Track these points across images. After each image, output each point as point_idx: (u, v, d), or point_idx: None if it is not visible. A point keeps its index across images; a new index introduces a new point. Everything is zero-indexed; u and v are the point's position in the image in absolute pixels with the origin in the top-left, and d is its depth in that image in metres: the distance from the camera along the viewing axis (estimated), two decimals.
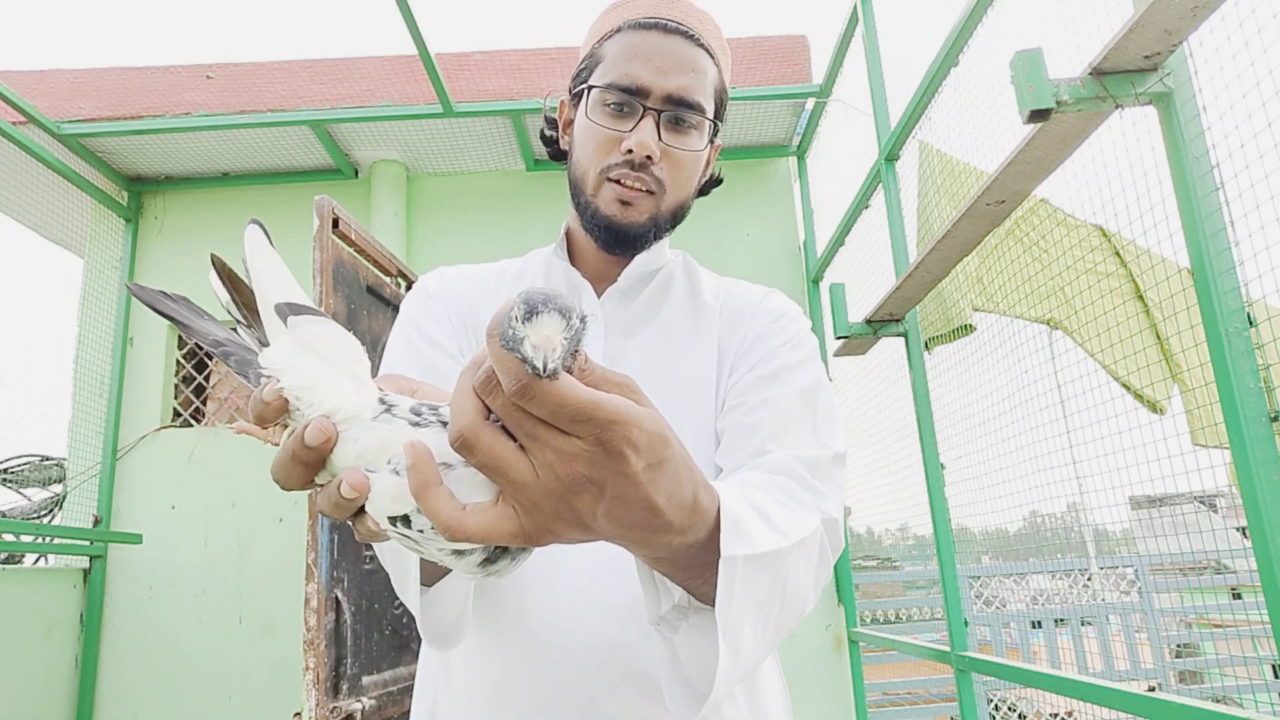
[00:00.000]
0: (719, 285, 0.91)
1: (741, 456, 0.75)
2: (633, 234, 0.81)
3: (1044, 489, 1.86)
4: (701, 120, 0.81)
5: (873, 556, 5.64)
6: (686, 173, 0.82)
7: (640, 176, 0.79)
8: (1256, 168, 1.19)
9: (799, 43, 3.38)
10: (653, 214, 0.81)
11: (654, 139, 0.78)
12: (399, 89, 3.20)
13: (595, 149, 0.80)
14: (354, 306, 2.30)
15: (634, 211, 0.80)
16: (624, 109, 0.79)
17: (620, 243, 0.81)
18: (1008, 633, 4.71)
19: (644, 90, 0.78)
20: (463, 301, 0.86)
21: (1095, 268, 2.14)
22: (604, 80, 0.80)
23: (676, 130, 0.80)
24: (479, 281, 0.88)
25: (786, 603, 0.57)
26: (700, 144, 0.82)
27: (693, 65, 0.80)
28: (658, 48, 0.79)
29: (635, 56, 0.79)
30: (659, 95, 0.78)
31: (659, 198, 0.81)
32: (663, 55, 0.79)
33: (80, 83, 3.28)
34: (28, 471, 3.34)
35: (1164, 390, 2.02)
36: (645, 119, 0.78)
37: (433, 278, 0.89)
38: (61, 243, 3.77)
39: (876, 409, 2.88)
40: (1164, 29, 1.22)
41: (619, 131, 0.79)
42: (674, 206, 0.83)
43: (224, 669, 3.09)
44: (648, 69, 0.78)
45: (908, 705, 4.37)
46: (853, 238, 2.96)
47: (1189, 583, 4.47)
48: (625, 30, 0.81)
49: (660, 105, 0.79)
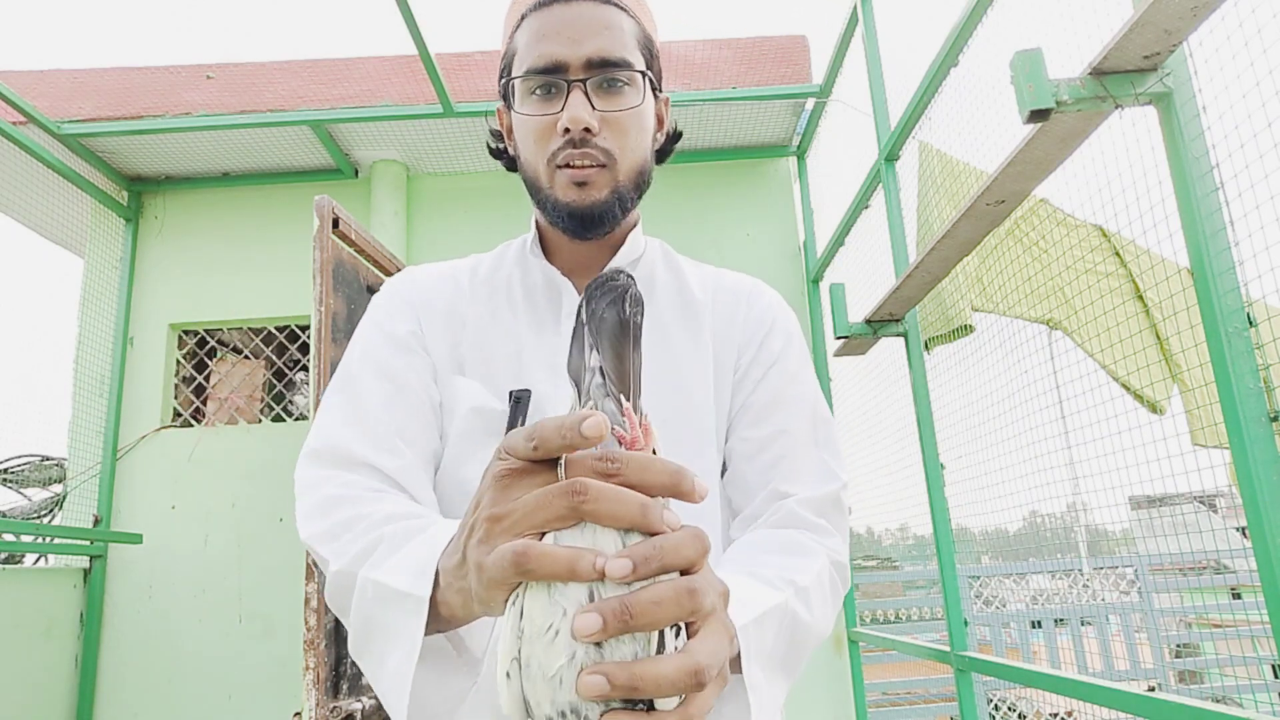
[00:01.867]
0: (704, 276, 0.89)
1: (759, 503, 0.78)
2: (597, 213, 0.77)
3: (1043, 489, 1.86)
4: (632, 75, 0.77)
5: (873, 556, 5.64)
6: (633, 134, 0.78)
7: (586, 153, 0.75)
8: (1256, 168, 1.19)
9: (799, 43, 3.38)
10: (612, 187, 0.77)
11: (586, 110, 0.74)
12: (399, 89, 3.20)
13: (535, 140, 0.77)
14: (354, 306, 2.31)
15: (592, 190, 0.76)
16: (550, 90, 0.76)
17: (588, 226, 0.78)
18: (1007, 633, 4.71)
19: (561, 65, 0.75)
20: (433, 302, 0.83)
21: (1095, 268, 2.14)
22: (521, 69, 0.77)
23: (608, 93, 0.76)
24: (451, 282, 0.86)
25: (795, 642, 0.65)
26: (637, 99, 0.78)
27: (605, 24, 0.76)
28: (563, 19, 0.76)
29: (544, 36, 0.76)
30: (577, 65, 0.75)
31: (613, 169, 0.77)
32: (570, 25, 0.76)
33: (80, 83, 3.28)
34: (28, 471, 3.34)
35: (1164, 390, 2.02)
36: (572, 93, 0.75)
37: (402, 279, 0.87)
38: (61, 243, 3.77)
39: (876, 409, 2.88)
40: (1164, 29, 1.22)
41: (552, 115, 0.76)
42: (632, 174, 0.79)
43: (224, 669, 3.09)
44: (559, 43, 0.75)
45: (908, 705, 4.37)
46: (852, 238, 2.96)
47: (1189, 583, 4.48)
48: (530, 15, 0.78)
49: (582, 74, 0.75)
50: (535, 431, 0.45)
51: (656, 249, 0.89)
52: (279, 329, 3.51)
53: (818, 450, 0.80)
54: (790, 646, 0.65)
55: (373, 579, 0.60)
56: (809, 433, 0.80)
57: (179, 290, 3.44)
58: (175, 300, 3.43)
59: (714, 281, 0.88)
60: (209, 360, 3.52)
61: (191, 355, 3.50)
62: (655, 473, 0.45)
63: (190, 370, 3.47)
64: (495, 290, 0.84)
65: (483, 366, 0.79)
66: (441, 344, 0.81)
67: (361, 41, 41.52)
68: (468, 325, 0.81)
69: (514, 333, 0.80)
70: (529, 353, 0.79)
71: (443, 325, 0.82)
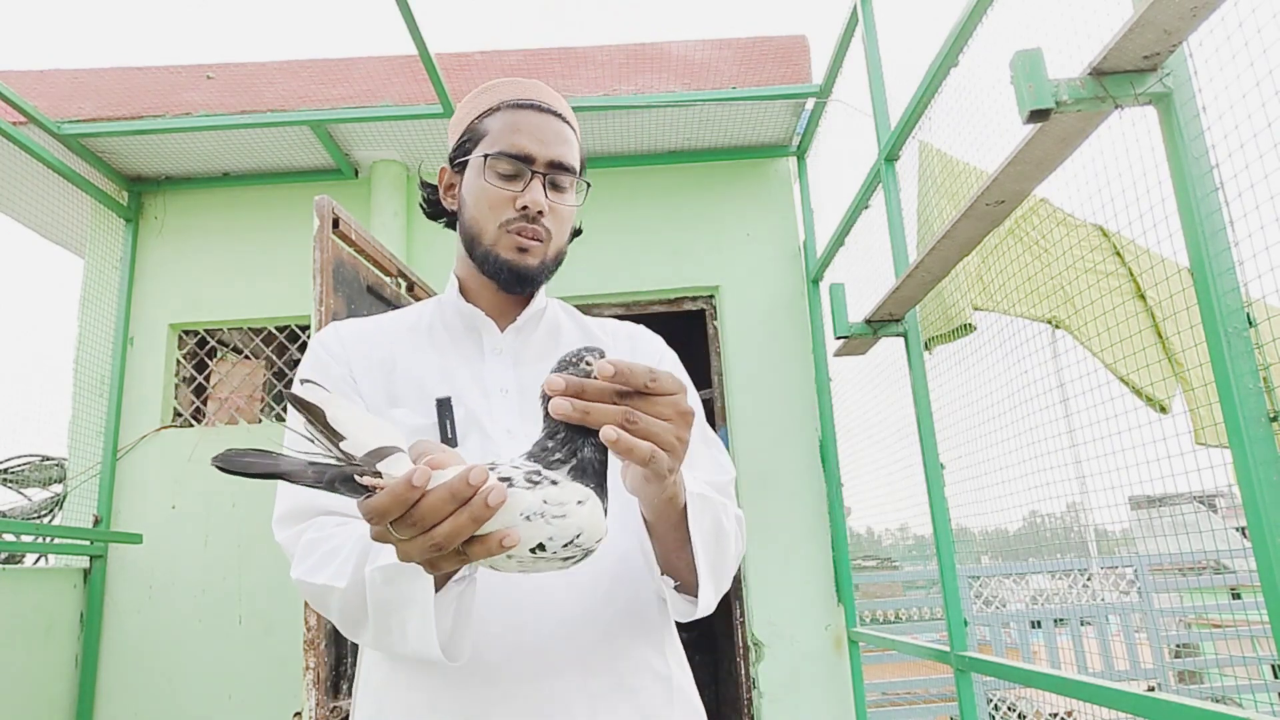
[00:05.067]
0: (598, 323, 1.10)
1: None
2: (530, 274, 0.96)
3: (1044, 489, 1.86)
4: (574, 180, 0.99)
5: (872, 556, 5.63)
6: (565, 224, 0.99)
7: (534, 228, 0.95)
8: (1256, 168, 1.19)
9: (799, 43, 3.38)
10: (543, 258, 0.97)
11: (543, 196, 0.95)
12: (399, 89, 3.20)
13: (490, 207, 0.95)
14: (354, 306, 2.31)
15: (530, 256, 0.96)
16: (514, 173, 0.95)
17: (519, 282, 0.97)
18: (1007, 633, 4.71)
19: (530, 157, 0.95)
20: (361, 349, 0.97)
21: (1096, 267, 2.14)
22: (494, 149, 0.95)
23: (557, 190, 0.97)
24: (376, 331, 1.00)
25: (719, 531, 0.83)
26: (574, 200, 1.00)
27: (564, 138, 0.98)
28: (536, 123, 0.96)
29: (519, 130, 0.95)
30: (543, 161, 0.95)
31: (548, 244, 0.97)
32: (540, 130, 0.96)
33: (80, 83, 3.28)
34: (28, 471, 3.34)
35: (1167, 389, 2.02)
36: (535, 180, 0.95)
37: (328, 334, 0.99)
38: (61, 243, 3.77)
39: (876, 409, 2.88)
40: (1164, 29, 1.22)
41: (513, 192, 0.95)
42: (557, 252, 0.99)
43: (224, 669, 3.09)
44: (531, 140, 0.95)
45: (907, 705, 4.36)
46: (852, 238, 2.96)
47: (1188, 583, 4.48)
48: (504, 109, 0.97)
49: (545, 169, 0.95)
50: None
51: (557, 303, 1.09)
52: (279, 329, 3.51)
53: (709, 448, 0.99)
54: (715, 530, 0.82)
55: (379, 566, 0.73)
56: (700, 436, 0.96)
57: (179, 290, 3.44)
58: (175, 300, 3.43)
59: (608, 326, 1.09)
60: (209, 360, 3.52)
61: (192, 355, 3.50)
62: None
63: (190, 370, 3.47)
64: (420, 334, 1.01)
65: (416, 394, 0.93)
66: (373, 384, 0.94)
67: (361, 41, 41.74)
68: (398, 365, 0.96)
69: (444, 365, 0.97)
70: (461, 380, 0.95)
71: (375, 368, 0.96)
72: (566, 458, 0.63)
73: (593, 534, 0.62)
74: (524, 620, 0.84)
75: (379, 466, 0.59)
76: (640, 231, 3.55)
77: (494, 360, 0.97)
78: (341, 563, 0.78)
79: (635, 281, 3.50)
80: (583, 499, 0.62)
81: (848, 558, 3.22)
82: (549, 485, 0.61)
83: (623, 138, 3.46)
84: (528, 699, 0.82)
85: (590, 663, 0.84)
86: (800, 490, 3.31)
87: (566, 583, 0.86)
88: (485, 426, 0.91)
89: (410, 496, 0.57)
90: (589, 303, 3.51)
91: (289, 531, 0.88)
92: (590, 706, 0.83)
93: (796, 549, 3.27)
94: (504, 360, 0.98)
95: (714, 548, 0.82)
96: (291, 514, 0.88)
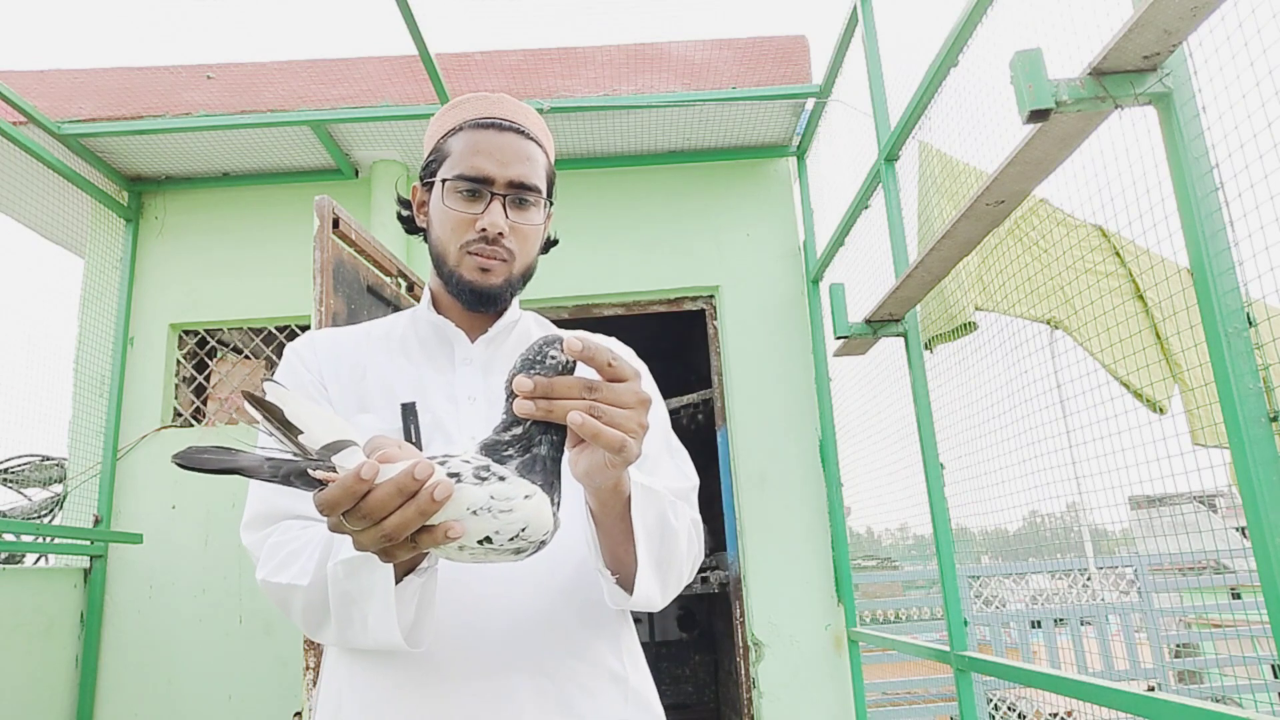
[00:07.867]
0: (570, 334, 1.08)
1: None
2: (492, 294, 0.97)
3: (1043, 489, 1.86)
4: (538, 198, 0.98)
5: (872, 556, 5.63)
6: (530, 242, 0.99)
7: (494, 250, 0.95)
8: (1256, 168, 1.19)
9: (799, 43, 3.38)
10: (506, 277, 0.97)
11: (502, 219, 0.94)
12: (399, 89, 3.20)
13: (452, 230, 0.96)
14: (354, 306, 2.31)
15: (492, 276, 0.96)
16: (474, 194, 0.95)
17: (482, 302, 0.98)
18: (1007, 632, 4.70)
19: (489, 179, 0.95)
20: (332, 356, 0.99)
21: (1095, 267, 2.14)
22: (454, 172, 0.95)
23: (519, 208, 0.97)
24: (349, 340, 1.02)
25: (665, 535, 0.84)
26: (539, 218, 0.99)
27: (526, 156, 0.97)
28: (495, 143, 0.96)
29: (478, 151, 0.95)
30: (502, 182, 0.95)
31: (510, 264, 0.97)
32: (500, 149, 0.95)
33: (80, 83, 3.28)
34: (28, 471, 3.34)
35: (1164, 390, 2.02)
36: (494, 202, 0.95)
37: (301, 343, 1.01)
38: (61, 243, 3.77)
39: (876, 409, 2.88)
40: (1164, 29, 1.22)
41: (472, 214, 0.95)
42: (523, 269, 1.00)
43: (224, 669, 3.09)
44: (490, 162, 0.95)
45: (907, 705, 4.36)
46: (852, 238, 2.96)
47: (1188, 583, 4.48)
48: (466, 129, 0.97)
49: (504, 190, 0.95)
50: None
51: (531, 315, 1.10)
52: (279, 329, 3.51)
53: (671, 457, 1.00)
54: (660, 524, 0.83)
55: (341, 560, 0.75)
56: (664, 445, 1.00)
57: (179, 290, 3.44)
58: (175, 300, 3.43)
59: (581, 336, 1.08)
60: (209, 360, 3.52)
61: (192, 355, 3.50)
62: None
63: (190, 370, 3.47)
64: (393, 343, 1.02)
65: (384, 400, 0.95)
66: (343, 389, 0.96)
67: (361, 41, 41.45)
68: (369, 373, 0.97)
69: (415, 374, 0.98)
70: (431, 388, 0.96)
71: (345, 374, 0.97)
72: (519, 453, 0.65)
73: (539, 528, 0.64)
74: (481, 618, 0.85)
75: (334, 460, 0.61)
76: (640, 231, 3.55)
77: (464, 370, 0.99)
78: (305, 562, 0.80)
79: (635, 281, 3.50)
80: (529, 494, 0.63)
81: (847, 557, 3.22)
82: (496, 481, 0.63)
83: (623, 138, 3.46)
84: (481, 696, 0.83)
85: (546, 662, 0.85)
86: (800, 490, 3.31)
87: (525, 581, 0.87)
88: (451, 432, 0.93)
89: (359, 489, 0.59)
90: (589, 303, 3.51)
91: (255, 535, 0.89)
92: (543, 705, 0.84)
93: (796, 549, 3.27)
94: (474, 370, 0.99)
95: (658, 541, 0.84)
96: (258, 519, 0.90)
